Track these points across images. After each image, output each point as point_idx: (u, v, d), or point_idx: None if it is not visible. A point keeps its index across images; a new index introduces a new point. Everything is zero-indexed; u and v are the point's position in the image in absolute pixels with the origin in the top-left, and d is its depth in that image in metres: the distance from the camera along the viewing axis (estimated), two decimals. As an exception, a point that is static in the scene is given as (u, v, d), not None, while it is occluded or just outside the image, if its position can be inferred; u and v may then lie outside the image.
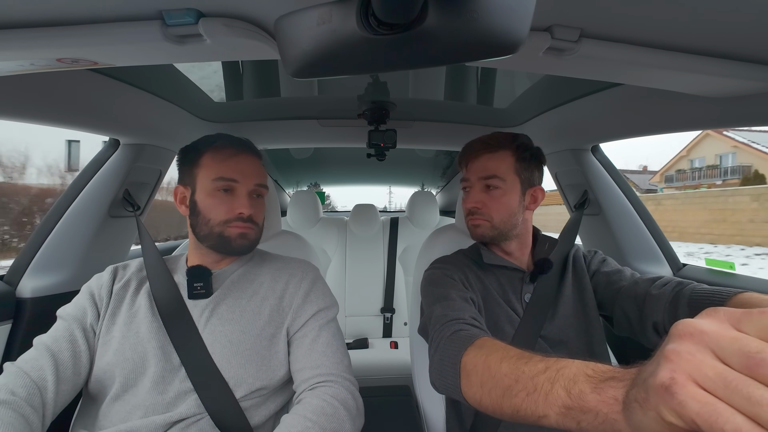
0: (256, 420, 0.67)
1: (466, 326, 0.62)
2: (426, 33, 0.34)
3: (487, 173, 0.80)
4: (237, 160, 0.74)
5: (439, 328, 0.64)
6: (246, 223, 0.73)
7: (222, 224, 0.72)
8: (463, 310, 0.67)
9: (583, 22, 0.52)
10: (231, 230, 0.72)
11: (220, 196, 0.72)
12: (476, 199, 0.81)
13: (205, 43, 0.51)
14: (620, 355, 1.09)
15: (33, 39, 0.49)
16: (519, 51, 0.36)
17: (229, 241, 0.72)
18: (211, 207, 0.72)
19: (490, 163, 0.80)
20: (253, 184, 0.75)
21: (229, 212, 0.72)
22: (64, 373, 0.62)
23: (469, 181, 0.84)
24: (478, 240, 0.85)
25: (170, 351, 0.67)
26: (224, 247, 0.74)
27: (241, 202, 0.72)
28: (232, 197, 0.73)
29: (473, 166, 0.82)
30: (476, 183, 0.82)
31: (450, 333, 0.61)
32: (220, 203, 0.72)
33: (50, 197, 6.48)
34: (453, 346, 0.57)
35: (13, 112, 0.74)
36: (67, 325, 0.67)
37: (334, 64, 0.39)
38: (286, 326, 0.74)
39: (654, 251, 1.16)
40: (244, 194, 0.73)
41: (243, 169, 0.74)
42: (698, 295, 0.63)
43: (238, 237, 0.72)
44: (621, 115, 0.97)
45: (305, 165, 2.31)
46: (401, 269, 2.05)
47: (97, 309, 0.70)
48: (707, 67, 0.59)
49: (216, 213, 0.72)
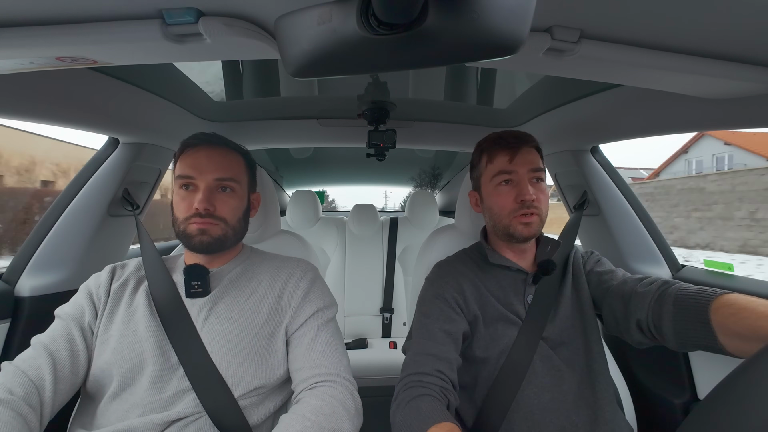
0: (255, 419, 0.67)
1: (428, 392, 0.64)
2: (426, 33, 0.34)
3: (535, 166, 0.77)
4: (194, 156, 0.73)
5: (404, 385, 0.67)
6: (204, 218, 0.70)
7: (184, 221, 0.71)
8: (436, 357, 0.69)
9: (583, 23, 0.52)
10: (190, 227, 0.71)
11: (181, 194, 0.72)
12: (530, 191, 0.75)
13: (205, 42, 0.51)
14: (619, 355, 1.09)
15: (32, 37, 0.49)
16: (519, 51, 0.36)
17: (190, 237, 0.71)
18: (175, 205, 0.73)
19: (533, 156, 0.78)
20: (212, 178, 0.72)
21: (188, 209, 0.71)
22: (62, 373, 0.62)
23: (516, 173, 0.77)
24: (528, 238, 0.78)
25: (168, 350, 0.66)
26: (187, 244, 0.73)
27: (197, 197, 0.70)
28: (192, 194, 0.72)
29: (521, 158, 0.77)
30: (526, 175, 0.77)
31: (411, 398, 0.63)
32: (181, 201, 0.72)
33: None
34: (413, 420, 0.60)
35: (13, 111, 0.74)
36: (65, 324, 0.67)
37: (334, 63, 0.39)
38: (285, 325, 0.74)
39: (653, 252, 1.16)
40: (202, 189, 0.71)
41: (200, 164, 0.72)
42: (684, 294, 0.64)
43: (197, 233, 0.70)
44: (620, 116, 0.97)
45: (305, 165, 2.31)
46: (400, 269, 2.05)
47: (95, 308, 0.70)
48: (706, 69, 0.59)
49: (179, 210, 0.72)
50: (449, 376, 0.69)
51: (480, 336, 0.76)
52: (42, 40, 0.49)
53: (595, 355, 0.76)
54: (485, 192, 0.83)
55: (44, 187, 8.15)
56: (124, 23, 0.49)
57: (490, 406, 0.72)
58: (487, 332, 0.76)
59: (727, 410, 0.35)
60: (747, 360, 0.38)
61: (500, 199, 0.79)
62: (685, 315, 0.61)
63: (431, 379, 0.67)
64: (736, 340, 0.55)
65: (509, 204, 0.77)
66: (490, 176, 0.81)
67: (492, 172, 0.80)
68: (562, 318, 0.77)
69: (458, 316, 0.76)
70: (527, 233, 0.76)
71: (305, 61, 0.39)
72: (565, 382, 0.72)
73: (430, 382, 0.66)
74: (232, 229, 0.74)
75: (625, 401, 0.90)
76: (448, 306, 0.77)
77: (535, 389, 0.72)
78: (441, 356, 0.70)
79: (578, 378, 0.73)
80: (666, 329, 0.64)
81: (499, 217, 0.79)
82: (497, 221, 0.80)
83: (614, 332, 0.76)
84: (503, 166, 0.78)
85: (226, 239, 0.74)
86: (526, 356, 0.73)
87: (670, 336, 0.63)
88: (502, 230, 0.79)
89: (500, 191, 0.79)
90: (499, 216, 0.79)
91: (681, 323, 0.62)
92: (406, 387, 0.67)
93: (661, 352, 0.81)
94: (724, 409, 0.36)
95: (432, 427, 0.57)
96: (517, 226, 0.76)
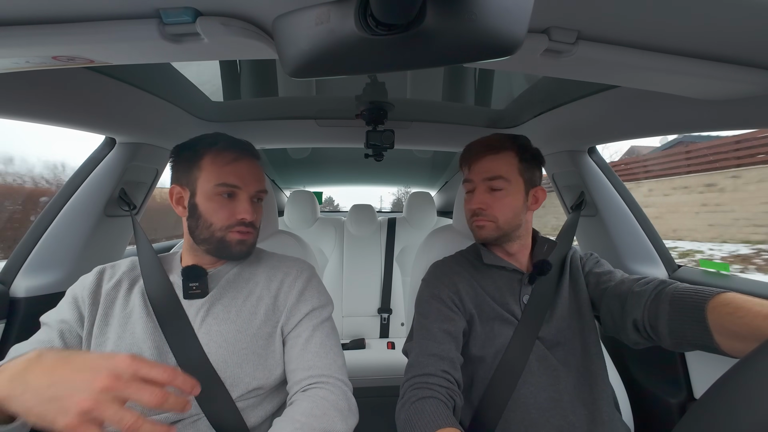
0: (253, 421, 0.67)
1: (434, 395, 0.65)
2: (424, 34, 0.34)
3: (491, 174, 0.79)
4: (239, 165, 0.73)
5: (410, 386, 0.68)
6: (247, 227, 0.73)
7: (224, 229, 0.71)
8: (439, 357, 0.70)
9: (581, 25, 0.52)
10: (232, 235, 0.72)
11: (222, 201, 0.71)
12: (480, 200, 0.80)
13: (203, 42, 0.51)
14: (616, 355, 1.09)
15: (28, 36, 0.48)
16: (516, 53, 0.36)
17: (229, 246, 0.72)
18: (212, 211, 0.71)
19: (493, 164, 0.80)
20: (254, 190, 0.74)
21: (230, 217, 0.71)
22: None
23: (472, 182, 0.83)
24: (482, 241, 0.85)
25: (166, 351, 0.66)
26: (223, 252, 0.73)
27: (244, 208, 0.72)
28: (234, 202, 0.72)
29: (477, 168, 0.82)
30: (480, 184, 0.81)
31: (417, 398, 0.65)
32: (222, 208, 0.71)
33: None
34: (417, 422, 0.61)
35: (9, 111, 0.73)
36: (48, 331, 0.66)
37: (332, 64, 0.39)
38: (281, 325, 0.74)
39: (649, 252, 1.16)
40: (245, 199, 0.73)
41: (245, 174, 0.73)
42: (681, 293, 0.64)
43: (237, 243, 0.72)
44: (617, 117, 0.97)
45: (303, 165, 2.31)
46: (398, 270, 2.05)
47: (80, 312, 0.69)
48: (703, 71, 0.59)
49: (218, 218, 0.71)
50: (454, 375, 0.69)
51: (476, 335, 0.77)
52: (38, 39, 0.49)
53: (593, 356, 0.76)
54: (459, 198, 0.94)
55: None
56: (121, 23, 0.49)
57: (486, 405, 0.72)
58: (483, 331, 0.77)
59: (722, 409, 0.35)
60: (742, 359, 0.39)
61: (465, 206, 0.87)
62: (681, 314, 0.61)
63: (437, 380, 0.67)
64: (732, 339, 0.55)
65: (468, 212, 0.85)
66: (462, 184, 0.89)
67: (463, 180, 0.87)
68: (559, 318, 0.78)
69: (456, 315, 0.77)
70: (479, 236, 0.83)
71: (303, 62, 0.39)
72: (561, 382, 0.73)
73: (436, 384, 0.67)
74: (258, 236, 0.79)
75: (621, 401, 0.90)
76: (445, 306, 0.77)
77: (532, 388, 0.72)
78: (444, 356, 0.70)
79: (575, 378, 0.74)
80: (662, 329, 0.64)
81: (467, 221, 0.86)
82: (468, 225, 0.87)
83: (611, 332, 0.76)
84: (466, 175, 0.86)
85: (254, 247, 0.78)
86: (522, 356, 0.73)
87: (666, 335, 0.63)
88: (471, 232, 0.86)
89: (466, 199, 0.86)
90: (467, 220, 0.86)
91: (677, 322, 0.62)
92: (412, 387, 0.68)
93: (657, 352, 0.82)
94: (720, 408, 0.36)
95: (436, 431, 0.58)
96: (474, 230, 0.84)
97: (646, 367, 1.09)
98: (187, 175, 0.73)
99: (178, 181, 0.75)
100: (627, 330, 0.71)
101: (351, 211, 2.13)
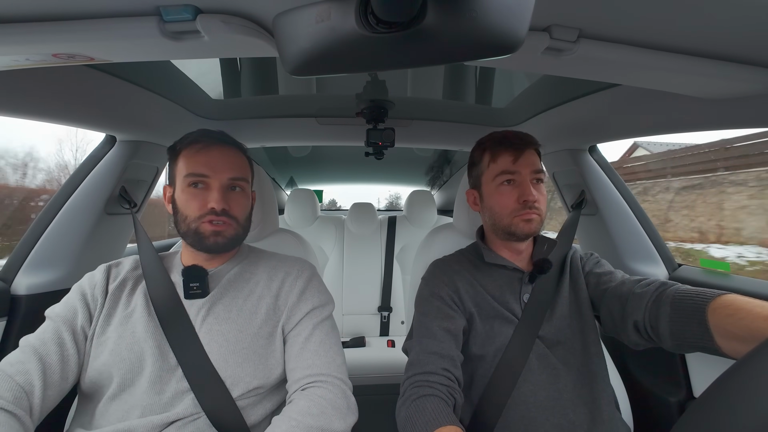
0: (253, 419, 0.67)
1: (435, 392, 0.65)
2: (425, 32, 0.34)
3: (536, 167, 0.79)
4: (207, 154, 0.72)
5: (411, 384, 0.68)
6: (219, 217, 0.70)
7: (197, 220, 0.70)
8: (439, 355, 0.70)
9: (582, 23, 0.52)
10: (204, 226, 0.70)
11: (193, 192, 0.71)
12: (532, 192, 0.77)
13: (203, 39, 0.51)
14: (616, 354, 1.09)
15: (29, 34, 0.48)
16: (518, 51, 0.36)
17: (203, 238, 0.70)
18: (185, 203, 0.71)
19: (535, 158, 0.80)
20: (226, 177, 0.72)
21: (201, 207, 0.70)
22: (52, 378, 0.60)
23: (520, 173, 0.78)
24: (526, 236, 0.80)
25: (167, 351, 0.66)
26: (199, 245, 0.72)
27: (212, 196, 0.70)
28: (204, 192, 0.71)
29: (524, 160, 0.78)
30: (528, 176, 0.78)
31: (417, 396, 0.65)
32: (193, 198, 0.70)
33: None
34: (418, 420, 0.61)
35: (9, 108, 0.73)
36: (56, 326, 0.65)
37: (333, 62, 0.39)
38: (281, 324, 0.74)
39: (650, 251, 1.16)
40: (216, 188, 0.71)
41: (215, 162, 0.72)
42: (681, 295, 0.63)
43: (211, 234, 0.70)
44: (618, 116, 0.97)
45: (303, 163, 2.31)
46: (398, 268, 2.06)
47: (89, 310, 0.69)
48: (704, 69, 0.59)
49: (190, 209, 0.70)
50: (454, 373, 0.69)
51: (476, 333, 0.77)
52: (38, 37, 0.49)
53: (593, 355, 0.76)
54: (486, 191, 0.83)
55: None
56: (121, 20, 0.48)
57: (486, 404, 0.72)
58: (483, 329, 0.77)
59: (721, 408, 0.36)
60: (742, 358, 0.39)
61: (502, 198, 0.79)
62: (681, 316, 0.61)
63: (438, 378, 0.67)
64: (733, 341, 0.54)
65: (511, 204, 0.78)
66: (492, 175, 0.81)
67: (495, 171, 0.80)
68: (559, 317, 0.78)
69: (456, 313, 0.77)
70: (528, 230, 0.78)
71: (303, 59, 0.39)
72: (561, 381, 0.73)
73: (437, 382, 0.67)
74: (242, 229, 0.75)
75: (621, 400, 0.90)
76: (444, 304, 0.77)
77: (531, 387, 0.72)
78: (444, 354, 0.70)
79: (574, 377, 0.74)
80: (663, 330, 0.64)
81: (500, 216, 0.80)
82: (497, 220, 0.81)
83: (611, 333, 0.76)
84: (507, 167, 0.79)
85: (238, 239, 0.75)
86: (522, 354, 0.73)
87: (667, 337, 0.63)
88: (503, 229, 0.80)
89: (502, 191, 0.80)
90: (500, 215, 0.80)
91: (678, 324, 0.62)
92: (413, 385, 0.68)
93: (657, 352, 0.82)
94: (719, 407, 0.36)
95: (436, 430, 0.58)
96: (519, 224, 0.78)
97: (645, 367, 1.09)
98: (172, 172, 0.75)
99: (168, 180, 0.77)
100: (627, 331, 0.70)
101: (351, 209, 2.13)
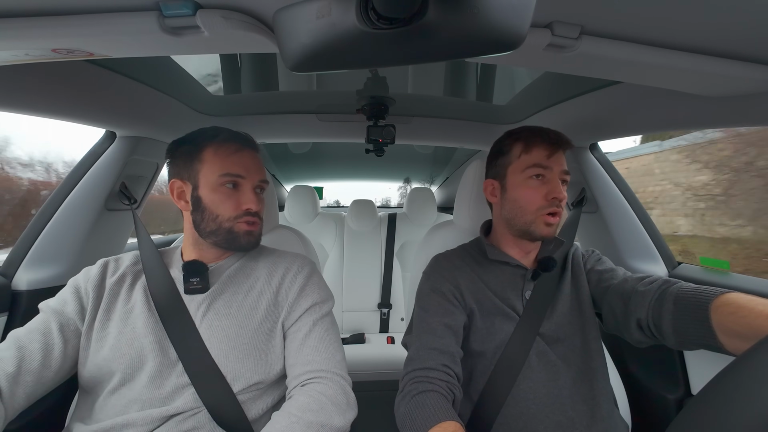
0: (253, 413, 0.67)
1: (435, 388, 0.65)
2: (426, 28, 0.34)
3: (566, 168, 0.78)
4: (242, 156, 0.74)
5: (410, 379, 0.68)
6: (253, 217, 0.74)
7: (231, 220, 0.72)
8: (439, 351, 0.70)
9: (584, 20, 0.52)
10: (240, 226, 0.72)
11: (227, 192, 0.72)
12: (562, 190, 0.76)
13: (203, 35, 0.51)
14: (614, 352, 1.10)
15: (28, 28, 0.48)
16: (519, 47, 0.36)
17: (238, 237, 0.73)
18: (218, 203, 0.71)
19: (564, 159, 0.79)
20: (257, 180, 0.76)
21: (236, 208, 0.72)
22: (29, 365, 0.60)
23: (551, 170, 0.76)
24: (544, 239, 0.79)
25: (167, 346, 0.67)
26: (231, 244, 0.74)
27: (249, 197, 0.73)
28: (238, 193, 0.73)
29: (558, 158, 0.77)
30: (558, 175, 0.77)
31: (417, 392, 0.65)
32: (227, 199, 0.72)
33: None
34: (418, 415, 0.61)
35: (8, 104, 0.73)
36: (45, 317, 0.66)
37: (333, 58, 0.39)
38: (282, 320, 0.74)
39: (650, 249, 1.16)
40: (250, 189, 0.74)
41: (248, 164, 0.74)
42: (684, 293, 0.64)
43: (245, 234, 0.73)
44: (620, 114, 0.97)
45: (303, 160, 2.31)
46: (398, 265, 2.06)
47: (81, 303, 0.69)
48: (707, 67, 0.59)
49: (224, 209, 0.72)
50: (454, 369, 0.70)
51: (477, 329, 0.77)
52: (38, 32, 0.48)
53: (593, 353, 0.77)
54: (512, 182, 0.80)
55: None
56: (120, 15, 0.48)
57: (486, 400, 0.73)
58: (483, 326, 0.77)
59: (719, 405, 0.36)
60: (740, 356, 0.39)
61: (529, 192, 0.77)
62: (685, 314, 0.62)
63: (437, 374, 0.68)
64: (736, 339, 0.55)
65: (538, 200, 0.76)
66: (522, 167, 0.78)
67: (527, 163, 0.77)
68: (560, 315, 0.78)
69: (456, 309, 0.77)
70: (548, 233, 0.76)
71: (304, 56, 0.38)
72: (561, 378, 0.73)
73: (437, 378, 0.67)
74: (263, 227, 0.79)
75: (619, 397, 0.91)
76: (445, 299, 0.77)
77: (531, 384, 0.72)
78: (444, 350, 0.71)
79: (574, 374, 0.74)
80: (666, 328, 0.64)
81: (523, 211, 0.77)
82: (519, 215, 0.78)
83: (614, 331, 0.76)
84: (540, 160, 0.76)
85: (260, 237, 0.78)
86: (522, 351, 0.74)
87: (670, 335, 0.64)
88: (522, 225, 0.78)
89: (530, 185, 0.77)
90: (524, 210, 0.77)
91: (681, 322, 0.62)
92: (412, 381, 0.68)
93: (656, 349, 0.82)
94: (717, 404, 0.36)
95: (436, 426, 0.58)
96: (540, 225, 0.76)
97: (644, 364, 1.10)
98: (188, 168, 0.73)
99: (179, 175, 0.75)
100: (630, 329, 0.71)
101: (351, 206, 2.13)
